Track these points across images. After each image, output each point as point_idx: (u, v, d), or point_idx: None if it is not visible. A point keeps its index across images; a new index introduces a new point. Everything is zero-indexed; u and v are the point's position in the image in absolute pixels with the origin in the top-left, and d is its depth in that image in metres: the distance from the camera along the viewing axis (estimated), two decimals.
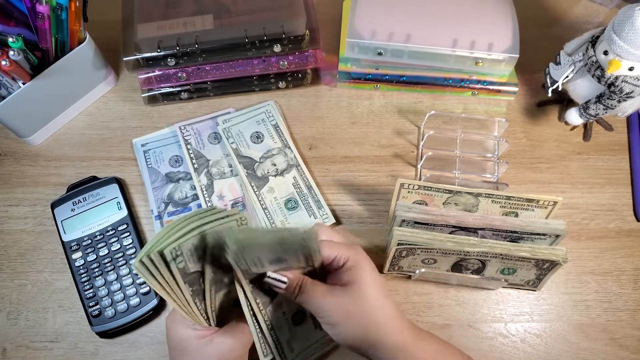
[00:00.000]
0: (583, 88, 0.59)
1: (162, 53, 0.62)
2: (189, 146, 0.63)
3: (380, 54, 0.64)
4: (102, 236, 0.57)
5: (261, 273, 0.39)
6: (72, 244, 0.56)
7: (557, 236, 0.51)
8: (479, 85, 0.67)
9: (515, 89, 0.68)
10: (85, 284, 0.54)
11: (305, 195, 0.60)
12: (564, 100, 0.66)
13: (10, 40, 0.52)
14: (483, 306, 0.56)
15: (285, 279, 0.39)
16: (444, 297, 0.56)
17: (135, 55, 0.62)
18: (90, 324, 0.53)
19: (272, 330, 0.41)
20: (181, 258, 0.35)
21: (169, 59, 0.62)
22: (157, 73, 0.64)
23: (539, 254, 0.48)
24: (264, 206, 0.59)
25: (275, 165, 0.62)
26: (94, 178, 0.61)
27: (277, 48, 0.63)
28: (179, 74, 0.65)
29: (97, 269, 0.55)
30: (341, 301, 0.38)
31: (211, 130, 0.65)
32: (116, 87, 0.70)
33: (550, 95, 0.61)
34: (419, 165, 0.63)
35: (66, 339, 0.54)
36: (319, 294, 0.38)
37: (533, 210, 0.54)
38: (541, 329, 0.55)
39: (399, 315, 0.39)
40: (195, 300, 0.38)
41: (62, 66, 0.59)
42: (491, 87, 0.68)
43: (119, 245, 0.56)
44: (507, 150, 0.64)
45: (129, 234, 0.57)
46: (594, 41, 0.56)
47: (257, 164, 0.62)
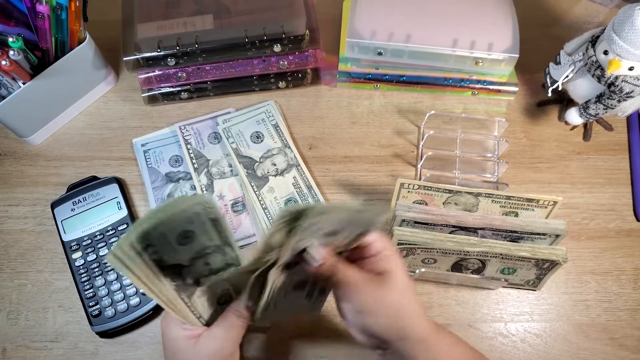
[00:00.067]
0: (583, 88, 0.59)
1: (162, 53, 0.62)
2: (189, 146, 0.63)
3: (380, 53, 0.64)
4: (102, 236, 0.57)
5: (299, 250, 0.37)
6: (72, 244, 0.56)
7: (557, 236, 0.51)
8: (479, 85, 0.67)
9: (515, 89, 0.68)
10: (85, 283, 0.54)
11: (305, 195, 0.60)
12: (564, 100, 0.66)
13: (10, 40, 0.52)
14: (483, 306, 0.56)
15: (321, 257, 0.37)
16: (444, 297, 0.56)
17: (135, 55, 0.62)
18: (90, 323, 0.53)
19: (272, 290, 0.39)
20: (153, 249, 0.32)
21: (169, 59, 0.62)
22: (157, 73, 0.64)
23: (539, 254, 0.48)
24: (264, 206, 0.59)
25: (275, 165, 0.62)
26: (94, 178, 0.61)
27: (277, 48, 0.63)
28: (179, 74, 0.65)
29: (97, 269, 0.55)
30: (376, 290, 0.37)
31: (211, 130, 0.65)
32: (116, 87, 0.70)
33: (550, 95, 0.61)
34: (419, 165, 0.63)
35: (66, 338, 0.54)
36: (353, 278, 0.37)
37: (533, 210, 0.54)
38: (541, 328, 0.55)
39: (422, 309, 0.39)
40: (182, 297, 0.37)
41: (62, 66, 0.59)
42: (491, 87, 0.68)
43: None
44: (507, 150, 0.64)
45: None
46: (594, 41, 0.56)
47: (257, 163, 0.62)
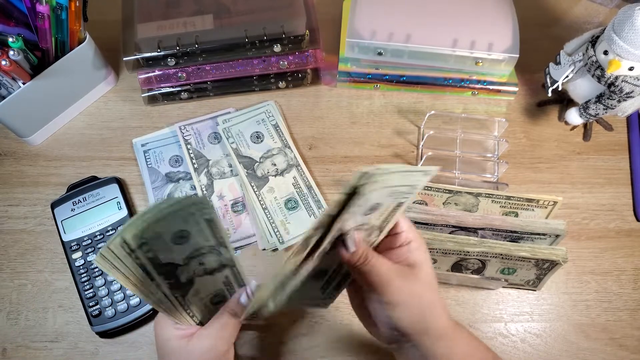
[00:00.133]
0: (583, 88, 0.59)
1: (162, 53, 0.62)
2: (189, 146, 0.63)
3: (380, 53, 0.64)
4: (102, 236, 0.57)
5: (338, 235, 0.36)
6: (72, 244, 0.56)
7: (557, 236, 0.51)
8: (479, 85, 0.67)
9: (515, 89, 0.68)
10: (85, 283, 0.54)
11: (305, 195, 0.60)
12: (564, 100, 0.66)
13: (10, 40, 0.52)
14: (483, 306, 0.56)
15: (357, 243, 0.36)
16: (444, 297, 0.56)
17: (135, 55, 0.62)
18: (90, 323, 0.53)
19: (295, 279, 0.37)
20: (147, 247, 0.32)
21: (169, 59, 0.62)
22: (157, 73, 0.64)
23: (539, 254, 0.48)
24: (264, 206, 0.59)
25: (275, 165, 0.62)
26: (94, 178, 0.61)
27: (277, 48, 0.63)
28: (179, 74, 0.65)
29: (97, 269, 0.55)
30: (407, 282, 0.36)
31: (211, 130, 0.65)
32: (116, 87, 0.69)
33: (550, 95, 0.61)
34: (419, 165, 0.63)
35: (66, 338, 0.54)
36: (384, 268, 0.36)
37: (533, 210, 0.54)
38: (541, 328, 0.55)
39: (444, 305, 0.39)
40: (176, 295, 0.37)
41: (62, 66, 0.59)
42: (491, 87, 0.68)
43: None
44: (507, 150, 0.64)
45: None
46: (594, 41, 0.56)
47: (257, 164, 0.62)
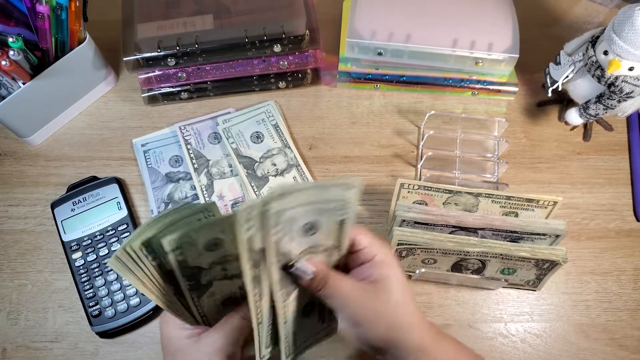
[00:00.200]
0: (583, 88, 0.59)
1: (162, 53, 0.62)
2: (189, 146, 0.63)
3: (380, 54, 0.64)
4: (102, 236, 0.57)
5: (287, 263, 0.35)
6: (72, 244, 0.56)
7: (557, 236, 0.51)
8: (479, 85, 0.67)
9: (515, 89, 0.68)
10: (85, 284, 0.54)
11: None
12: (564, 100, 0.66)
13: (10, 40, 0.52)
14: (483, 306, 0.56)
15: (313, 269, 0.35)
16: (444, 297, 0.56)
17: (135, 55, 0.62)
18: (90, 324, 0.53)
19: (285, 323, 0.38)
20: (180, 250, 0.33)
21: (169, 59, 0.62)
22: (157, 73, 0.64)
23: (539, 254, 0.48)
24: None
25: (275, 165, 0.62)
26: (94, 178, 0.61)
27: (277, 48, 0.63)
28: (179, 74, 0.64)
29: (97, 269, 0.55)
30: (371, 300, 0.35)
31: (211, 130, 0.65)
32: (116, 87, 0.69)
33: (550, 95, 0.61)
34: (419, 165, 0.63)
35: (66, 339, 0.54)
36: (346, 289, 0.35)
37: (533, 210, 0.54)
38: (541, 329, 0.55)
39: (420, 315, 0.38)
40: (193, 296, 0.37)
41: (62, 66, 0.59)
42: (491, 87, 0.68)
43: (119, 245, 0.56)
44: (507, 150, 0.64)
45: (129, 234, 0.57)
46: (594, 41, 0.56)
47: (257, 164, 0.62)
